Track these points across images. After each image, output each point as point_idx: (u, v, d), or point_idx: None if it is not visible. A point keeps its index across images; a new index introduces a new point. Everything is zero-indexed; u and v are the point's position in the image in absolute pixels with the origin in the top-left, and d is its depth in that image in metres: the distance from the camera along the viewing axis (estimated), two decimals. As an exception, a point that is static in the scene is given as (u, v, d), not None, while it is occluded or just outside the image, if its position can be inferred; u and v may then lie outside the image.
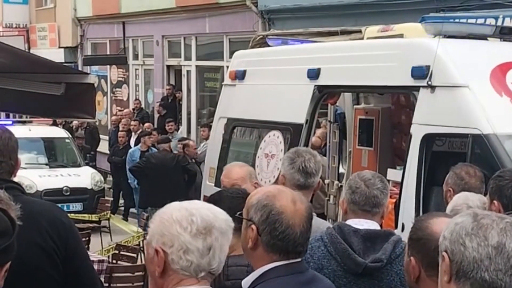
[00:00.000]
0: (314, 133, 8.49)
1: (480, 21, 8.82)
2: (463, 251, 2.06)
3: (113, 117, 19.34)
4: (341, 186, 8.11)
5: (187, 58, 18.65)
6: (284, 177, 4.12)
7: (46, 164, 15.14)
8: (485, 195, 4.04)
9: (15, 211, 2.53)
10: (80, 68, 20.73)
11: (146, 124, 16.54)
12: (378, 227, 3.54)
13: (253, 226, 2.60)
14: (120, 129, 16.71)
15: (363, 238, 3.43)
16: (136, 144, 15.78)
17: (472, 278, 2.05)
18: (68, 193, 14.16)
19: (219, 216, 2.26)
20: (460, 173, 4.61)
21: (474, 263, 2.05)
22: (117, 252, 9.32)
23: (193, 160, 12.94)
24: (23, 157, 14.86)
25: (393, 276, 3.38)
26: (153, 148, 14.02)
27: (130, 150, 14.70)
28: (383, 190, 3.56)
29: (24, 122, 15.47)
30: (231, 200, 3.25)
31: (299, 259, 2.66)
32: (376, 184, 3.55)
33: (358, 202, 3.52)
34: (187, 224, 2.21)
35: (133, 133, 16.45)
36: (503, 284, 2.04)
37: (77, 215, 12.72)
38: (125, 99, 21.28)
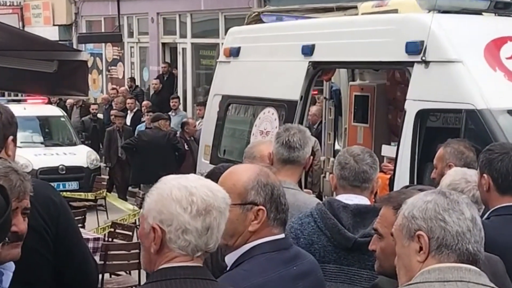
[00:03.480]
0: (309, 110, 8.47)
1: (476, -4, 8.75)
2: (444, 226, 2.11)
3: (104, 96, 19.18)
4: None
5: (183, 35, 18.56)
6: (271, 153, 4.11)
7: (42, 143, 15.08)
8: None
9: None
10: (75, 46, 20.60)
11: (145, 102, 16.45)
12: (368, 202, 3.54)
13: (261, 207, 2.57)
14: (114, 107, 16.62)
15: (353, 213, 3.44)
16: (132, 122, 15.73)
17: (458, 250, 2.11)
18: (64, 172, 14.13)
19: (218, 195, 2.22)
20: (459, 147, 4.59)
21: (458, 236, 2.11)
22: (112, 230, 9.32)
23: (193, 138, 12.93)
24: (18, 135, 14.73)
25: None
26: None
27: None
28: (372, 165, 3.56)
29: (19, 101, 15.39)
30: None
31: (283, 235, 2.65)
32: (366, 160, 3.55)
33: (347, 177, 3.52)
34: (187, 204, 2.17)
35: (129, 111, 16.39)
36: (480, 256, 2.13)
37: (73, 193, 12.73)
38: (120, 77, 21.21)
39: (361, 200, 3.51)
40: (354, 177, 3.51)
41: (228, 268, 2.58)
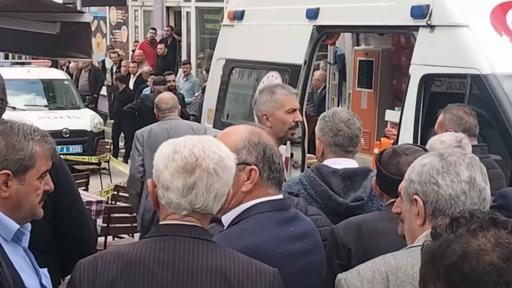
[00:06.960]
0: (313, 74, 8.43)
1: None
2: (437, 190, 2.10)
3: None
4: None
5: (187, -1, 18.43)
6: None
7: (45, 106, 15.06)
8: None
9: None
10: (79, 9, 20.48)
11: (145, 69, 16.36)
12: (356, 165, 3.56)
13: (253, 167, 2.52)
14: (122, 72, 16.55)
15: (342, 178, 3.46)
16: (135, 86, 15.68)
17: (451, 214, 2.08)
18: (67, 135, 14.11)
19: (210, 155, 2.16)
20: (458, 113, 4.59)
21: (451, 200, 2.09)
22: (115, 193, 9.34)
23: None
24: (22, 98, 14.84)
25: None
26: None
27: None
28: (360, 127, 3.60)
29: (22, 64, 15.35)
30: None
31: (282, 196, 2.62)
32: (356, 124, 3.58)
33: (342, 144, 3.53)
34: (168, 161, 2.16)
35: (131, 75, 16.33)
36: None
37: (76, 157, 12.75)
38: (124, 41, 21.11)
39: (349, 163, 3.53)
40: (348, 143, 3.53)
41: (225, 228, 2.55)
